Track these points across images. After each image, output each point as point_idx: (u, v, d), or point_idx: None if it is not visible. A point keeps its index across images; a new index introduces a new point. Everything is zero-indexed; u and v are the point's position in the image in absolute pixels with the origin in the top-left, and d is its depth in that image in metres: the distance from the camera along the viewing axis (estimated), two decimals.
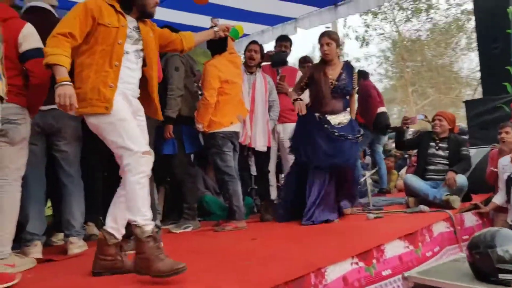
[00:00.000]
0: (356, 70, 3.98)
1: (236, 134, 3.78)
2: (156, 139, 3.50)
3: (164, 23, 4.03)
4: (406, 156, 7.50)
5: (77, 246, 2.86)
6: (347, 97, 3.84)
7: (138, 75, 2.37)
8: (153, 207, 2.93)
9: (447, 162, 4.33)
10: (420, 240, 3.06)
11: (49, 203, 3.59)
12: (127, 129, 2.17)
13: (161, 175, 4.02)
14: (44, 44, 2.22)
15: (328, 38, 3.72)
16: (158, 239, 2.15)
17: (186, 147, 3.78)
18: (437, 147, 4.42)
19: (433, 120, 4.56)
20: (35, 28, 2.61)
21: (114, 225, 2.24)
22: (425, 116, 4.85)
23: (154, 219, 2.89)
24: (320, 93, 3.71)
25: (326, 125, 3.68)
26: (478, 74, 6.52)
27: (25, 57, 2.51)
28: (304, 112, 3.66)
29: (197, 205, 3.97)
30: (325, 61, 3.79)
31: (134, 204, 2.12)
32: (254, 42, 4.36)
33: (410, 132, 6.64)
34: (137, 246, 2.10)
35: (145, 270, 2.02)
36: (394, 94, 23.18)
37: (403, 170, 6.71)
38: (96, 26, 2.21)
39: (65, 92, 2.04)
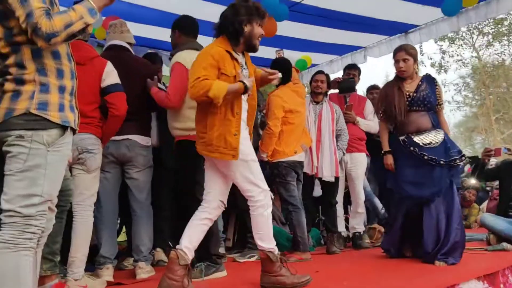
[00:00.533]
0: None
1: (300, 163, 3.76)
2: None
3: None
4: (488, 188, 6.97)
5: (145, 271, 2.98)
6: (432, 111, 3.33)
7: (246, 107, 2.57)
8: (216, 234, 2.98)
9: None
10: (502, 282, 2.81)
11: (124, 229, 3.79)
12: (254, 168, 2.50)
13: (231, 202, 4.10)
14: (128, 76, 2.78)
15: (405, 53, 3.35)
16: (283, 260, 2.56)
17: None
18: None
19: None
20: (117, 64, 2.87)
21: (189, 245, 2.46)
22: (509, 150, 4.46)
23: (216, 246, 2.94)
24: (396, 109, 3.28)
25: (412, 148, 3.23)
26: None
27: (107, 91, 2.75)
28: (392, 169, 3.36)
29: None
30: (400, 78, 3.42)
31: (268, 234, 2.51)
32: (320, 72, 4.37)
33: (492, 162, 6.19)
34: (268, 267, 2.49)
35: (278, 285, 2.47)
36: (475, 122, 21.88)
37: (484, 204, 6.23)
38: (219, 75, 2.44)
39: (251, 83, 2.43)
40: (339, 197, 4.38)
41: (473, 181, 7.28)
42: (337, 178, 4.15)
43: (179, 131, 3.00)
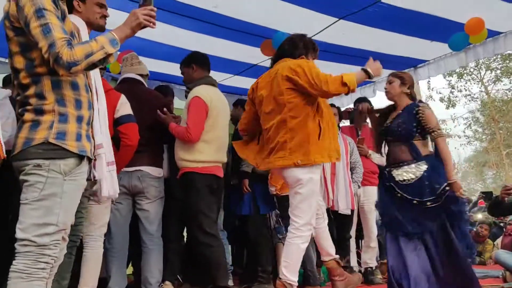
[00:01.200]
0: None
1: None
2: (233, 199, 3.58)
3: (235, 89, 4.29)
4: (501, 224, 6.84)
5: None
6: (411, 141, 3.06)
7: None
8: (224, 266, 2.95)
9: None
10: None
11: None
12: (315, 202, 2.67)
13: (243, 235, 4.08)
14: (141, 108, 2.94)
15: (392, 76, 3.35)
16: None
17: (261, 207, 3.80)
18: None
19: None
20: (129, 96, 2.97)
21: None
22: None
23: (224, 278, 2.91)
24: (375, 139, 3.30)
25: (388, 183, 3.06)
26: None
27: (120, 121, 2.81)
28: None
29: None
30: (392, 108, 3.33)
31: (295, 266, 2.53)
32: (332, 105, 4.41)
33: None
34: None
35: None
36: (486, 157, 21.69)
37: (499, 240, 6.09)
38: None
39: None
40: (352, 231, 4.33)
41: (479, 216, 7.17)
42: (352, 212, 4.12)
43: (187, 162, 3.03)
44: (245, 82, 5.79)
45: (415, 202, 2.93)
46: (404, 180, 2.98)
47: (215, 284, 2.85)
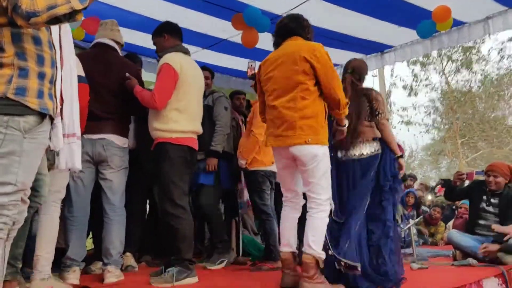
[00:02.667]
0: None
1: (274, 174, 3.78)
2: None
3: (203, 64, 4.24)
4: (453, 207, 7.17)
5: (113, 275, 2.90)
6: None
7: None
8: (189, 238, 2.94)
9: (497, 219, 4.04)
10: None
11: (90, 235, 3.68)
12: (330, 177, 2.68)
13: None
14: (108, 73, 2.95)
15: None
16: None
17: (223, 181, 3.79)
18: (487, 203, 4.15)
19: (487, 175, 4.20)
20: (97, 60, 2.97)
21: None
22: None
23: (189, 251, 2.90)
24: None
25: None
26: None
27: None
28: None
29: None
30: None
31: (321, 240, 2.56)
32: None
33: None
34: (311, 273, 2.51)
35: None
36: (442, 146, 22.52)
37: (451, 222, 6.39)
38: None
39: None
40: None
41: (429, 197, 7.54)
42: None
43: (160, 132, 2.96)
44: (214, 57, 5.72)
45: None
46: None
47: (179, 256, 2.84)
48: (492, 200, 4.14)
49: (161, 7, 4.42)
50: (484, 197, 4.18)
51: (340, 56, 6.14)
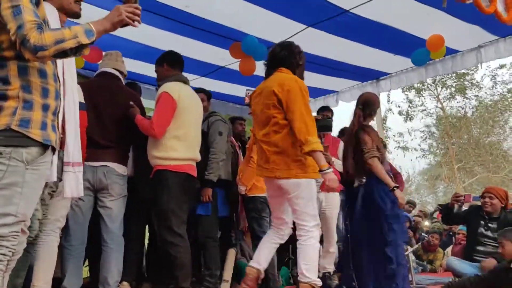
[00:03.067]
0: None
1: None
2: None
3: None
4: (451, 233, 7.14)
5: None
6: None
7: None
8: (186, 267, 2.91)
9: (496, 244, 4.01)
10: None
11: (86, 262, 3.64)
12: (315, 203, 2.73)
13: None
14: (113, 102, 2.97)
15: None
16: None
17: (220, 209, 3.73)
18: (485, 227, 4.14)
19: (483, 197, 4.24)
20: (102, 89, 3.04)
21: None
22: None
23: (186, 280, 2.87)
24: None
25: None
26: None
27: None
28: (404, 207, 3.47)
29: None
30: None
31: (315, 266, 2.61)
32: None
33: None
34: None
35: None
36: (439, 171, 22.56)
37: (449, 249, 6.36)
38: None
39: (334, 177, 2.63)
40: None
41: (426, 223, 7.51)
42: None
43: (159, 160, 2.98)
44: (212, 84, 5.79)
45: None
46: None
47: (177, 285, 2.81)
48: (490, 225, 4.13)
49: (160, 36, 4.49)
50: (482, 222, 4.17)
51: (337, 84, 6.26)
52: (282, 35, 4.57)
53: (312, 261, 2.59)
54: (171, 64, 3.26)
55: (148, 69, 5.04)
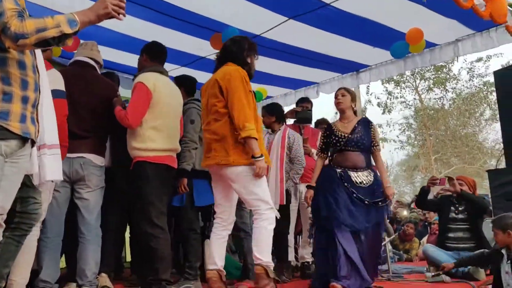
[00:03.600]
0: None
1: None
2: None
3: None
4: (426, 224, 7.32)
5: None
6: (365, 152, 3.53)
7: None
8: (166, 259, 2.91)
9: (468, 226, 4.23)
10: None
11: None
12: (265, 185, 2.73)
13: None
14: (88, 91, 2.98)
15: (344, 90, 3.68)
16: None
17: (196, 200, 3.64)
18: (456, 211, 4.34)
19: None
20: (76, 78, 3.01)
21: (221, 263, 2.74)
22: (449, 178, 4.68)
23: (166, 271, 2.87)
24: (335, 147, 3.51)
25: (346, 184, 3.37)
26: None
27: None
28: (309, 203, 3.52)
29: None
30: (340, 117, 3.71)
31: (267, 248, 2.65)
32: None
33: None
34: (263, 283, 2.60)
35: None
36: (416, 162, 22.98)
37: (425, 238, 6.52)
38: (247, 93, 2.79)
39: (264, 166, 2.63)
40: (291, 227, 4.41)
41: (405, 213, 7.68)
42: (286, 207, 4.13)
43: (138, 151, 2.96)
44: (192, 74, 5.70)
45: (366, 202, 3.34)
46: (362, 182, 3.40)
47: (156, 277, 2.81)
48: (460, 208, 4.32)
49: (139, 25, 4.43)
50: (452, 208, 4.36)
51: (318, 75, 6.29)
52: (263, 27, 4.58)
53: (264, 243, 2.64)
54: (150, 55, 3.24)
55: (128, 59, 4.99)
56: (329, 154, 3.68)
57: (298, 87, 6.78)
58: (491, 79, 16.88)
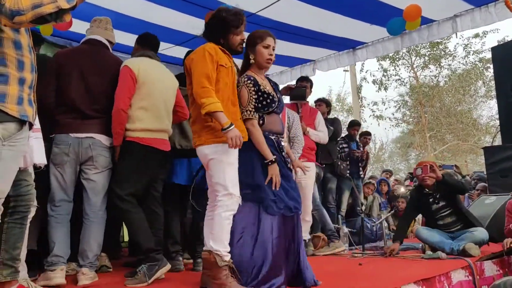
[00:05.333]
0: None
1: None
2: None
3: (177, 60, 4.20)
4: None
5: (88, 277, 2.85)
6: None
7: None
8: (144, 229, 2.93)
9: (451, 210, 4.17)
10: (439, 287, 2.97)
11: None
12: (229, 170, 2.51)
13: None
14: (101, 72, 2.94)
15: (274, 41, 2.88)
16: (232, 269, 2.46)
17: (174, 177, 3.52)
18: (436, 201, 4.20)
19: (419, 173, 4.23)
20: (91, 58, 2.97)
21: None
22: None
23: (147, 240, 2.88)
24: (267, 108, 2.76)
25: (283, 152, 2.82)
26: (498, 122, 6.49)
27: None
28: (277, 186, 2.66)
29: None
30: (257, 72, 2.86)
31: (220, 236, 2.46)
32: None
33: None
34: (213, 271, 2.44)
35: None
36: (411, 139, 23.08)
37: (420, 215, 6.58)
38: (218, 68, 2.54)
39: (236, 134, 2.38)
40: None
41: (402, 189, 7.74)
42: None
43: (128, 132, 2.96)
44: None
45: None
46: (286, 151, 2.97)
47: (140, 250, 2.82)
48: (437, 196, 4.20)
49: (133, 4, 4.35)
50: (431, 200, 4.24)
51: (314, 53, 6.24)
52: (259, 5, 4.52)
53: (217, 230, 2.47)
54: (141, 44, 3.30)
55: (121, 37, 4.90)
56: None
57: (294, 65, 6.73)
58: (487, 55, 16.88)
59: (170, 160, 3.32)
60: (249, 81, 2.72)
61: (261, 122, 2.74)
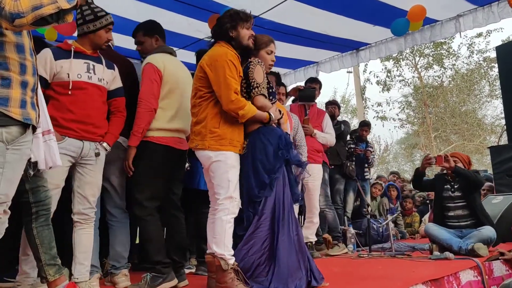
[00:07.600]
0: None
1: None
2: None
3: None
4: (427, 201, 7.35)
5: (128, 278, 2.92)
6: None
7: None
8: (155, 240, 2.91)
9: (465, 203, 4.20)
10: None
11: None
12: (232, 173, 2.56)
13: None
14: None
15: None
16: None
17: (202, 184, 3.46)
18: (452, 190, 4.29)
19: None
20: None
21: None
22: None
23: (157, 253, 2.87)
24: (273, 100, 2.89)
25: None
26: (503, 121, 6.45)
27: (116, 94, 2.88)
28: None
29: None
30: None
31: (223, 240, 2.47)
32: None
33: None
34: (219, 275, 2.45)
35: None
36: (416, 140, 22.98)
37: (426, 216, 6.55)
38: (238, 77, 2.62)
39: (276, 114, 2.66)
40: (295, 208, 4.41)
41: (411, 185, 7.72)
42: None
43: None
44: (191, 57, 5.68)
45: None
46: None
47: (148, 260, 2.79)
48: (455, 186, 4.28)
49: (135, 7, 4.36)
50: (447, 186, 4.32)
51: (317, 55, 6.24)
52: (262, 7, 4.52)
53: (220, 234, 2.48)
54: (161, 35, 3.23)
55: (123, 41, 4.92)
56: None
57: (297, 67, 6.73)
58: (491, 54, 16.81)
59: (185, 159, 3.21)
60: (261, 64, 2.76)
61: None
